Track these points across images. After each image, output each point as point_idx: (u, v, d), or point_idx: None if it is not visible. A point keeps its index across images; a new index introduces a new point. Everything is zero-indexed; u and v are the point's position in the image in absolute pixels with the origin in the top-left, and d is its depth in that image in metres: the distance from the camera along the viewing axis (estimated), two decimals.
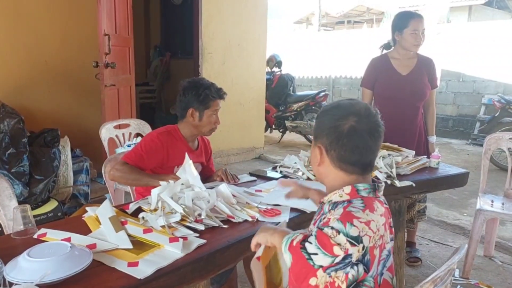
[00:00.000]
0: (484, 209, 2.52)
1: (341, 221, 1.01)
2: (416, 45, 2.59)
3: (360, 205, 1.07)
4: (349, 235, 0.98)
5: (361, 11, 15.54)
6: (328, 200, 1.16)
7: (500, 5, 14.03)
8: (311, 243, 1.00)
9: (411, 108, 2.65)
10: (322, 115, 1.18)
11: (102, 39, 3.39)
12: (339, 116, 1.12)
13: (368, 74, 2.77)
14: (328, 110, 1.17)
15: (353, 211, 1.04)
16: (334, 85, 9.68)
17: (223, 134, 5.04)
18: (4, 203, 1.65)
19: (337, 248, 0.98)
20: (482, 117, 6.85)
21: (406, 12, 2.74)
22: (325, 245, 0.98)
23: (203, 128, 2.06)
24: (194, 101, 2.01)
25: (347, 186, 1.13)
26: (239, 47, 5.26)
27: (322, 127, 1.15)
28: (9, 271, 1.08)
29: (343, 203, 1.10)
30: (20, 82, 3.78)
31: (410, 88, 2.62)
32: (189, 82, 2.07)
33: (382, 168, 2.07)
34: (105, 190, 3.62)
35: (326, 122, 1.14)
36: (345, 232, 0.99)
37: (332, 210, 1.11)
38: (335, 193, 1.14)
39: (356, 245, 0.98)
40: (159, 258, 1.21)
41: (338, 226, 1.00)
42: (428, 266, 2.74)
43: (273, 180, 2.09)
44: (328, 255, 0.98)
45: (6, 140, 2.95)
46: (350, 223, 1.00)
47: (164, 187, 1.57)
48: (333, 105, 1.19)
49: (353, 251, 0.98)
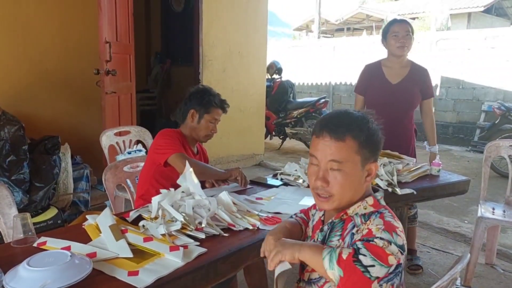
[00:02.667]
0: (485, 216, 2.51)
1: (387, 231, 1.00)
2: (399, 47, 2.60)
3: (390, 215, 1.09)
4: (398, 244, 0.99)
5: (361, 18, 15.64)
6: (354, 213, 1.14)
7: (499, 12, 14.13)
8: (365, 256, 0.97)
9: (400, 116, 2.66)
10: (370, 134, 1.12)
11: (103, 46, 3.40)
12: (375, 126, 1.15)
13: (361, 81, 2.82)
14: (368, 126, 1.13)
15: (391, 221, 1.05)
16: (334, 91, 9.71)
17: (223, 141, 5.04)
18: (4, 211, 1.65)
19: (391, 258, 0.97)
20: (482, 124, 6.85)
21: (389, 20, 2.81)
22: (381, 256, 0.97)
23: (200, 131, 2.12)
24: (196, 104, 2.11)
25: (369, 197, 1.14)
26: (239, 54, 5.28)
27: (375, 143, 1.14)
28: (9, 280, 1.07)
29: (375, 213, 1.10)
30: (21, 89, 3.79)
31: (398, 97, 2.64)
32: (197, 88, 2.18)
33: (383, 175, 2.07)
34: (105, 197, 3.61)
35: (377, 136, 1.14)
36: (394, 241, 0.99)
37: (366, 222, 1.09)
38: (359, 206, 1.14)
39: (403, 253, 1.00)
40: (160, 267, 1.20)
41: (387, 236, 0.99)
42: (429, 274, 2.73)
43: (274, 188, 2.09)
44: (384, 266, 0.97)
45: (7, 147, 2.95)
46: (395, 233, 1.01)
47: (164, 195, 1.57)
48: (363, 121, 1.13)
49: (402, 259, 0.99)
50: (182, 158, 1.93)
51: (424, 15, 13.64)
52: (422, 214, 3.82)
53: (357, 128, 1.11)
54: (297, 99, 7.11)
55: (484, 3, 12.73)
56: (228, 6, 5.06)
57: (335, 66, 9.61)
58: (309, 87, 10.25)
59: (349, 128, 1.10)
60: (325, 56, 9.90)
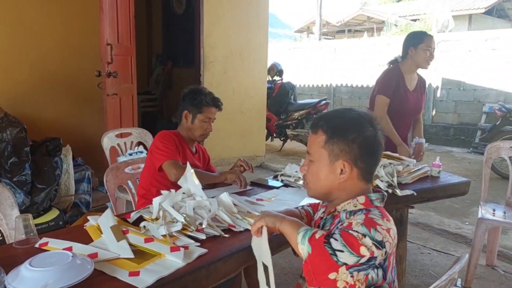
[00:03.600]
0: (486, 218, 2.52)
1: (365, 226, 1.03)
2: (428, 62, 2.73)
3: (377, 214, 1.10)
4: (375, 239, 1.01)
5: (362, 20, 15.64)
6: (342, 209, 1.17)
7: (500, 14, 14.13)
8: (336, 240, 1.02)
9: (409, 121, 2.91)
10: (341, 131, 1.14)
11: (104, 48, 3.42)
12: (360, 127, 1.14)
13: (389, 83, 2.78)
14: (345, 124, 1.15)
15: (375, 218, 1.07)
16: (335, 93, 9.71)
17: (224, 142, 5.06)
18: (6, 212, 1.66)
19: (364, 248, 1.00)
20: (483, 125, 6.86)
21: (421, 31, 2.96)
22: (352, 244, 1.00)
23: (195, 131, 2.15)
24: (189, 104, 2.14)
25: (361, 196, 1.15)
26: (241, 56, 5.29)
27: (346, 143, 1.13)
28: (11, 280, 1.08)
29: (362, 211, 1.12)
30: (23, 91, 3.80)
31: (414, 103, 2.83)
32: (189, 89, 2.21)
33: (383, 177, 2.08)
34: (106, 199, 3.61)
35: (350, 136, 1.13)
36: (370, 235, 1.01)
37: (352, 217, 1.12)
38: (349, 203, 1.16)
39: (381, 249, 1.01)
40: (160, 267, 1.21)
41: (364, 230, 1.02)
42: (430, 275, 2.73)
43: (274, 189, 2.10)
44: (354, 254, 1.00)
45: (9, 149, 2.96)
46: (374, 228, 1.03)
47: (165, 196, 1.57)
48: (344, 119, 1.17)
49: (378, 254, 1.01)
50: (173, 166, 1.95)
51: (425, 16, 13.64)
52: (423, 216, 3.82)
53: (331, 122, 1.16)
54: (298, 101, 7.11)
55: (485, 4, 12.73)
56: (229, 8, 5.08)
57: (336, 68, 9.62)
58: (310, 88, 10.26)
59: (323, 122, 1.18)
60: (326, 58, 9.91)
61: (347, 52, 9.52)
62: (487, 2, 12.88)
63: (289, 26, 18.01)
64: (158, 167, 2.02)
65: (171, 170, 1.95)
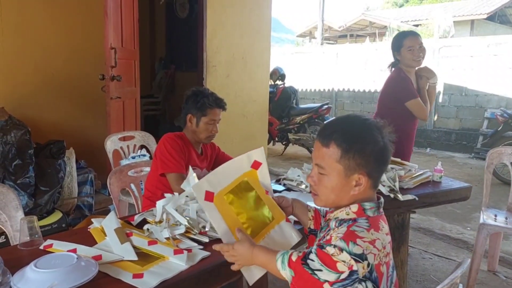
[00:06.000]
0: (487, 223, 2.52)
1: (344, 240, 1.02)
2: (416, 60, 2.73)
3: (365, 224, 1.08)
4: (353, 252, 0.99)
5: (364, 25, 15.67)
6: (334, 217, 1.16)
7: (502, 19, 14.15)
8: (313, 260, 1.02)
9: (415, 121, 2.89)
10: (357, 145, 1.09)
11: (108, 52, 3.44)
12: (373, 138, 1.10)
13: (410, 85, 2.78)
14: (359, 137, 1.10)
15: (357, 230, 1.05)
16: (337, 98, 9.73)
17: (226, 146, 5.04)
18: (10, 214, 1.67)
19: (340, 264, 0.99)
20: (485, 131, 6.86)
21: (400, 33, 2.93)
22: (328, 262, 1.00)
23: (200, 134, 2.14)
24: (192, 108, 2.12)
25: (354, 205, 1.13)
26: (243, 60, 5.32)
27: (363, 157, 1.09)
28: (16, 281, 1.09)
29: (348, 221, 1.11)
30: (27, 94, 3.83)
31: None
32: (192, 90, 2.19)
33: (385, 181, 2.08)
34: (108, 201, 3.64)
35: (367, 149, 1.09)
36: (348, 250, 1.00)
37: (336, 228, 1.11)
38: (341, 211, 1.15)
39: (361, 262, 0.99)
40: (164, 270, 1.22)
41: (341, 244, 1.01)
42: (431, 281, 2.73)
43: (277, 193, 2.10)
44: (332, 272, 1.00)
45: (13, 152, 2.98)
46: (353, 242, 1.01)
47: (168, 199, 1.59)
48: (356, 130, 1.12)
49: (357, 267, 0.99)
50: (176, 181, 1.96)
51: (427, 22, 13.67)
52: (424, 221, 3.82)
53: (344, 136, 1.10)
54: (300, 105, 7.13)
55: (487, 10, 12.76)
56: (232, 13, 5.10)
57: (338, 72, 9.64)
58: (312, 93, 10.28)
59: (336, 135, 1.10)
60: (328, 63, 9.93)
61: (349, 57, 9.55)
62: (489, 8, 12.91)
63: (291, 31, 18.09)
64: (161, 173, 2.04)
65: (173, 184, 1.98)
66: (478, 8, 13.26)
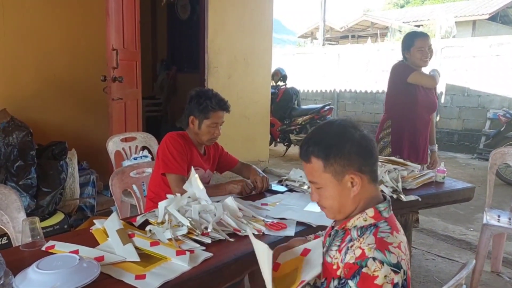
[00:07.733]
0: (490, 224, 2.51)
1: (380, 250, 1.00)
2: (424, 60, 2.79)
3: (386, 228, 1.07)
4: (391, 263, 0.98)
5: (365, 25, 15.67)
6: (353, 226, 1.13)
7: (504, 20, 14.12)
8: None
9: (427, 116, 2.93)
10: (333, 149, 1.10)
11: (110, 53, 3.45)
12: (348, 135, 1.11)
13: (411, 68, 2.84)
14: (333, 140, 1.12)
15: (384, 236, 1.04)
16: (339, 99, 9.72)
17: (228, 147, 5.01)
18: (12, 215, 1.67)
19: (381, 280, 0.96)
20: (487, 131, 6.84)
21: (412, 32, 3.00)
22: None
23: (202, 136, 2.11)
24: (195, 110, 2.09)
25: (370, 209, 1.12)
26: (245, 61, 5.32)
27: (343, 157, 1.10)
28: (19, 283, 1.09)
29: (370, 228, 1.09)
30: (29, 96, 3.84)
31: (425, 96, 2.89)
32: (196, 91, 2.15)
33: (388, 182, 2.08)
34: (110, 202, 3.64)
35: (344, 149, 1.10)
36: (387, 261, 0.98)
37: (360, 238, 1.08)
38: (358, 218, 1.13)
39: (399, 272, 0.98)
40: (166, 271, 1.22)
41: (380, 256, 0.99)
42: (434, 282, 2.72)
43: (279, 194, 2.10)
44: None
45: (15, 153, 2.98)
46: (388, 251, 1.00)
47: (171, 200, 1.58)
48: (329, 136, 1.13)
49: (397, 279, 0.97)
50: (177, 184, 1.95)
51: (429, 22, 13.65)
52: (427, 222, 3.80)
53: (319, 146, 1.11)
54: (301, 106, 7.13)
55: (489, 10, 12.73)
56: (234, 14, 5.11)
57: (340, 73, 9.63)
58: (314, 94, 10.27)
59: (312, 148, 1.12)
60: (329, 64, 9.93)
61: (351, 58, 9.54)
62: (491, 8, 12.89)
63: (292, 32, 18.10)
64: (162, 173, 2.04)
65: (173, 186, 1.97)
66: (480, 8, 13.24)
